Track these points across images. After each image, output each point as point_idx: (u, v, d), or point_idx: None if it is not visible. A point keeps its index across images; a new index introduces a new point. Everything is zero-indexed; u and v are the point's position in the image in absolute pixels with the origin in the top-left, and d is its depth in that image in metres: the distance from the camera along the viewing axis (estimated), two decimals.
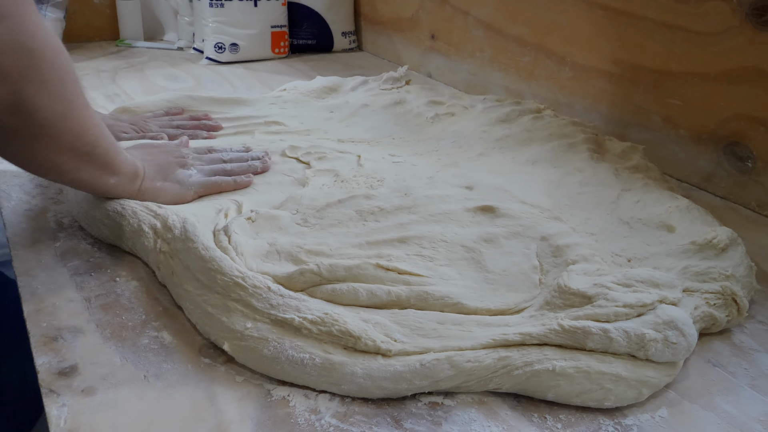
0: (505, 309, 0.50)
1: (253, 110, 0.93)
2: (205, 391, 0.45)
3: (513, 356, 0.45)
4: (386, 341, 0.45)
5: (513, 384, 0.45)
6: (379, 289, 0.50)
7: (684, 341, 0.46)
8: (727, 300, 0.51)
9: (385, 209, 0.62)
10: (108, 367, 0.47)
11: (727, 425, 0.43)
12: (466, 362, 0.44)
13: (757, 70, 0.71)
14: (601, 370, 0.44)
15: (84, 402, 0.44)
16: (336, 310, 0.47)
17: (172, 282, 0.54)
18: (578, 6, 0.93)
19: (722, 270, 0.53)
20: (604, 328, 0.45)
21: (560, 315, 0.47)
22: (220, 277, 0.50)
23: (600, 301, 0.47)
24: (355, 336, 0.45)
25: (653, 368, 0.45)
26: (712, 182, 0.79)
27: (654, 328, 0.45)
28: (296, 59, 1.44)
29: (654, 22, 0.82)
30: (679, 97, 0.81)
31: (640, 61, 0.85)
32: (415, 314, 0.48)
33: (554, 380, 0.44)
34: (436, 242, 0.57)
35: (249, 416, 0.43)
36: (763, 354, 0.50)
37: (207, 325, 0.50)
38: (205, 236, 0.55)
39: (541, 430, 0.42)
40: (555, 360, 0.44)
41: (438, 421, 0.43)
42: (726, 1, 0.73)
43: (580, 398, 0.44)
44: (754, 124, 0.73)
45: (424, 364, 0.44)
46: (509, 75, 1.09)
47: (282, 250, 0.56)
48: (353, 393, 0.44)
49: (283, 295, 0.48)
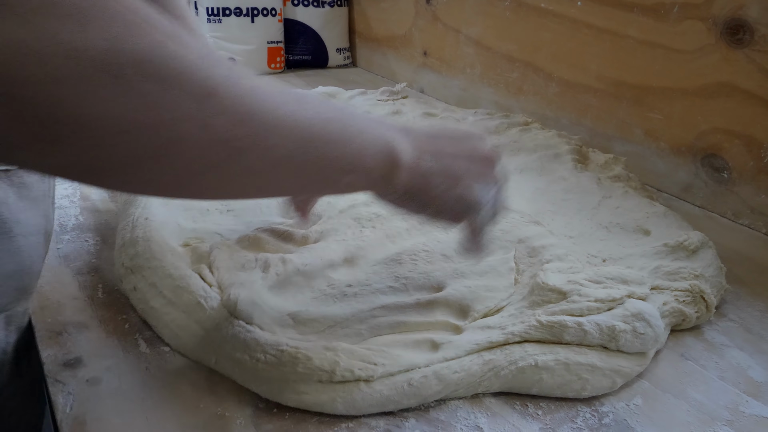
0: (485, 312, 0.51)
1: None
2: (204, 381, 0.47)
3: (497, 358, 0.46)
4: (364, 367, 0.44)
5: (501, 384, 0.46)
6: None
7: (651, 332, 0.49)
8: (695, 297, 0.54)
9: (381, 215, 0.63)
10: (111, 359, 0.49)
11: (697, 412, 0.46)
12: (453, 374, 0.45)
13: (732, 85, 0.75)
14: (578, 360, 0.47)
15: (89, 390, 0.46)
16: (293, 343, 0.45)
17: (135, 297, 0.54)
18: (564, 25, 0.97)
19: (692, 270, 0.56)
20: (578, 322, 0.48)
21: (537, 312, 0.49)
22: (186, 295, 0.50)
23: (574, 297, 0.50)
24: (327, 371, 0.43)
25: (625, 358, 0.48)
26: (691, 192, 0.82)
27: (623, 320, 0.48)
28: (292, 74, 1.47)
29: (635, 40, 0.86)
30: (660, 112, 0.84)
31: (622, 78, 0.89)
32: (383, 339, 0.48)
33: (537, 374, 0.46)
34: (418, 253, 0.57)
35: (247, 403, 0.45)
36: (732, 349, 0.53)
37: (179, 348, 0.49)
38: (173, 256, 0.54)
39: (523, 417, 0.45)
40: (536, 355, 0.47)
41: (426, 408, 0.45)
42: (702, 20, 0.76)
43: (560, 390, 0.46)
44: (729, 137, 0.76)
45: (412, 384, 0.44)
46: (499, 90, 1.13)
47: (260, 258, 0.55)
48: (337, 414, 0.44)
49: (233, 324, 0.47)
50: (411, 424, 0.44)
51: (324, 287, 0.53)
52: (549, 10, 0.99)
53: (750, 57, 0.72)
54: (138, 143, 0.29)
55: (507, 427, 0.44)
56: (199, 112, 0.30)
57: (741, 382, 0.49)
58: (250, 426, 0.43)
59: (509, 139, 0.87)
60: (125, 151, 0.30)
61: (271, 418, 0.44)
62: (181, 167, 0.32)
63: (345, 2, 1.52)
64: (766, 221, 0.74)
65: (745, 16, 0.72)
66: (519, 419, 0.45)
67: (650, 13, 0.83)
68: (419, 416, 0.44)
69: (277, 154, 0.35)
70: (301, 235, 0.61)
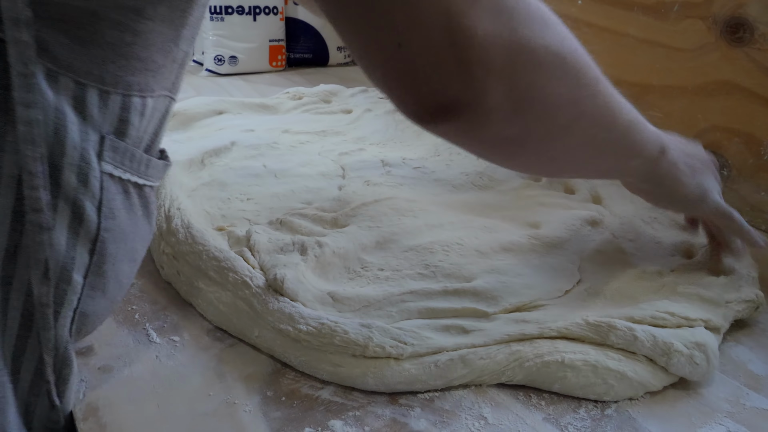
0: (518, 305, 0.52)
1: (278, 117, 1.00)
2: (214, 370, 0.48)
3: (524, 349, 0.46)
4: (396, 345, 0.46)
5: (524, 375, 0.46)
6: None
7: (706, 366, 0.47)
8: (753, 308, 0.55)
9: (424, 208, 0.65)
10: (122, 348, 0.50)
11: (698, 404, 0.47)
12: (479, 359, 0.46)
13: (731, 84, 0.76)
14: (608, 366, 0.46)
15: (101, 378, 0.47)
16: (333, 318, 0.48)
17: (179, 281, 0.57)
18: (565, 24, 0.97)
19: (748, 271, 0.57)
20: (630, 327, 0.47)
21: (588, 314, 0.49)
22: (231, 275, 0.53)
23: (642, 305, 0.50)
24: (360, 345, 0.46)
25: (660, 377, 0.47)
26: None
27: (684, 343, 0.47)
28: (293, 72, 1.48)
29: (636, 38, 0.86)
30: (660, 110, 0.85)
31: (622, 76, 0.89)
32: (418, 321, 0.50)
33: (562, 371, 0.46)
34: (451, 245, 0.59)
35: (256, 391, 0.46)
36: (732, 344, 0.54)
37: (222, 324, 0.53)
38: (214, 239, 0.58)
39: (527, 407, 0.46)
40: (565, 352, 0.46)
41: (431, 398, 0.46)
42: (702, 19, 0.77)
43: (582, 390, 0.46)
44: (729, 135, 0.77)
45: (439, 365, 0.46)
46: None
47: (297, 241, 0.58)
48: (367, 390, 0.46)
49: (278, 300, 0.50)
50: (416, 413, 0.44)
51: (358, 269, 0.56)
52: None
53: (750, 55, 0.73)
54: (565, 116, 0.40)
55: (510, 417, 0.45)
56: (588, 98, 0.41)
57: (741, 375, 0.50)
58: (259, 413, 0.44)
59: None
60: (556, 122, 0.40)
61: (279, 406, 0.44)
62: (574, 143, 0.43)
63: None
64: (765, 218, 0.75)
65: (744, 14, 0.73)
66: (522, 409, 0.45)
67: (650, 11, 0.83)
68: (424, 405, 0.45)
69: (591, 137, 0.44)
70: (331, 218, 0.63)
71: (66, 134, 0.35)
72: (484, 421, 0.44)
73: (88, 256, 0.38)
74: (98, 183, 0.37)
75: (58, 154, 0.35)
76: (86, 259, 0.38)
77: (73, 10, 0.34)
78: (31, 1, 0.32)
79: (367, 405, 0.45)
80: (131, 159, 0.39)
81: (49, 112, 0.34)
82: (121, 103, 0.37)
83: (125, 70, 0.36)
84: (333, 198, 0.69)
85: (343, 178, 0.76)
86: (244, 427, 0.42)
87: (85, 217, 0.37)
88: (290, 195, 0.70)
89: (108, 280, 0.40)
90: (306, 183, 0.73)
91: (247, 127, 0.93)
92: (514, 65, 0.35)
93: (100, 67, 0.35)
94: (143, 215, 0.42)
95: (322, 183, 0.74)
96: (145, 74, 0.38)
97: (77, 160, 0.35)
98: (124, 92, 0.37)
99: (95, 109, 0.36)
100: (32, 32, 0.32)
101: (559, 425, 0.44)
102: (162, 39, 0.38)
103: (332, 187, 0.73)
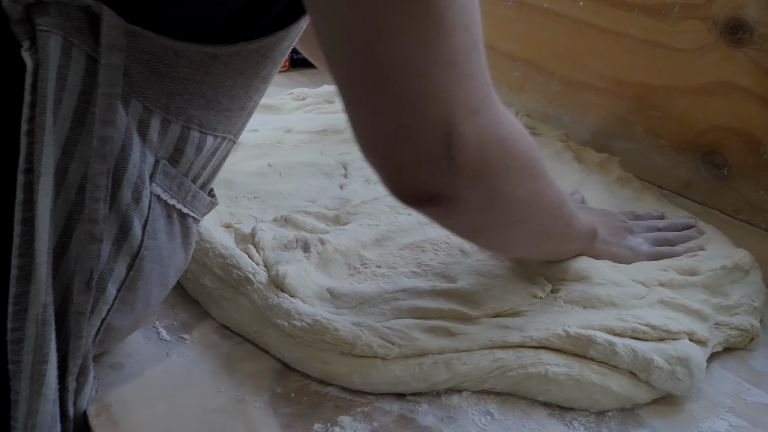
0: (498, 311, 0.52)
1: (281, 117, 1.01)
2: (223, 367, 0.49)
3: (508, 357, 0.46)
4: (383, 345, 0.47)
5: (507, 385, 0.47)
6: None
7: (689, 381, 0.46)
8: (747, 338, 0.53)
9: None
10: (133, 346, 0.51)
11: (701, 399, 0.48)
12: (462, 365, 0.46)
13: (731, 84, 0.76)
14: (592, 381, 0.45)
15: (113, 375, 0.47)
16: (326, 315, 0.49)
17: (186, 278, 0.58)
18: (566, 25, 0.98)
19: (750, 300, 0.54)
20: (610, 341, 0.46)
21: (569, 323, 0.48)
22: (235, 271, 0.54)
23: (624, 315, 0.49)
24: (349, 343, 0.47)
25: (646, 390, 0.46)
26: (691, 189, 0.84)
27: (665, 359, 0.45)
28: (296, 73, 1.48)
29: (636, 39, 0.87)
30: (660, 110, 0.86)
31: (623, 76, 0.90)
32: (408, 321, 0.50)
33: (545, 385, 0.46)
34: (440, 243, 0.60)
35: (265, 388, 0.47)
36: None
37: (224, 320, 0.54)
38: (221, 236, 0.59)
39: (532, 404, 0.47)
40: (548, 365, 0.46)
41: (438, 394, 0.47)
42: (702, 20, 0.78)
43: (567, 403, 0.46)
44: (729, 135, 0.78)
45: (423, 368, 0.46)
46: (501, 88, 1.14)
47: (300, 238, 0.59)
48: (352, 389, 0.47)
49: (278, 295, 0.51)
50: (424, 409, 0.45)
51: (357, 265, 0.58)
52: (551, 9, 1.00)
53: (749, 56, 0.74)
54: (527, 210, 0.46)
55: (516, 413, 0.46)
56: (548, 195, 0.47)
57: (742, 371, 0.51)
58: (269, 409, 0.45)
59: None
60: (519, 215, 0.46)
61: (288, 403, 0.45)
62: (530, 231, 0.49)
63: None
64: (765, 217, 0.76)
65: (744, 16, 0.73)
66: (528, 406, 0.46)
67: (651, 13, 0.84)
68: (431, 401, 0.46)
69: (543, 227, 0.50)
70: (333, 215, 0.65)
71: (130, 153, 0.37)
72: (491, 417, 0.45)
73: (125, 271, 0.40)
74: (147, 202, 0.39)
75: (120, 171, 0.37)
76: (123, 273, 0.40)
77: (158, 46, 0.37)
78: (127, 32, 0.35)
79: (375, 401, 0.46)
80: (179, 186, 0.42)
81: (121, 131, 0.37)
82: (180, 133, 0.40)
83: (189, 103, 0.39)
84: (335, 196, 0.70)
85: (345, 177, 0.77)
86: (254, 423, 0.43)
87: (132, 233, 0.39)
88: (295, 193, 0.72)
89: (138, 298, 0.42)
90: (310, 181, 0.74)
91: (250, 127, 0.93)
92: (495, 171, 0.40)
93: (167, 97, 0.38)
94: (181, 243, 0.45)
95: (325, 182, 0.75)
96: (208, 112, 0.41)
97: (135, 177, 0.38)
98: (184, 123, 0.40)
99: (155, 133, 0.39)
100: (123, 59, 0.35)
101: (564, 420, 0.45)
102: (230, 84, 0.41)
103: (334, 186, 0.74)
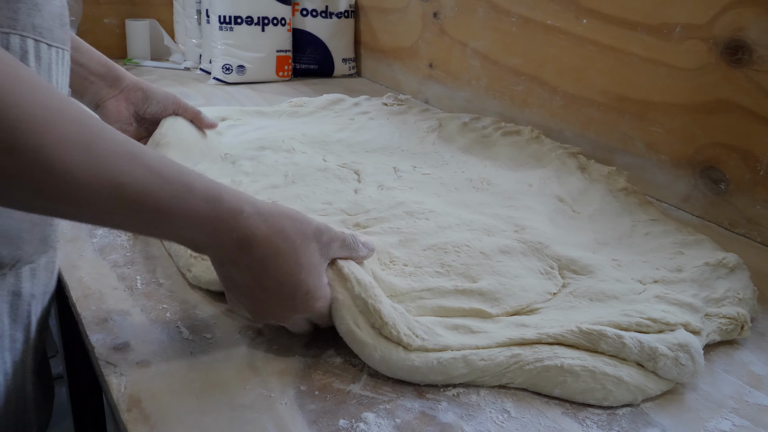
0: (517, 308, 0.56)
1: (277, 124, 1.03)
2: (248, 365, 0.50)
3: (525, 353, 0.49)
4: (409, 335, 0.49)
5: (524, 379, 0.49)
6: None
7: (692, 366, 0.49)
8: (737, 326, 0.56)
9: (435, 211, 0.70)
10: (158, 344, 0.52)
11: (705, 401, 0.50)
12: (479, 360, 0.48)
13: (730, 102, 0.79)
14: (605, 371, 0.48)
15: (141, 372, 0.49)
16: (376, 291, 0.51)
17: (205, 279, 0.59)
18: (570, 41, 1.01)
19: (736, 292, 0.58)
20: (619, 334, 0.49)
21: (581, 320, 0.52)
22: None
23: (628, 310, 0.52)
24: (383, 320, 0.49)
25: (654, 381, 0.49)
26: (690, 203, 0.87)
27: (668, 347, 0.49)
28: (298, 82, 1.51)
29: (639, 57, 0.90)
30: (661, 126, 0.89)
31: (625, 93, 0.93)
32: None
33: (562, 376, 0.48)
34: (461, 246, 0.63)
35: (290, 385, 0.48)
36: (735, 347, 0.57)
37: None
38: None
39: (547, 402, 0.48)
40: (564, 357, 0.49)
41: (457, 393, 0.49)
42: (703, 40, 0.81)
43: (582, 396, 0.48)
44: (727, 151, 0.81)
45: (441, 362, 0.48)
46: (504, 102, 1.17)
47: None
48: (369, 364, 0.50)
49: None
50: (443, 407, 0.47)
51: (387, 261, 0.61)
52: (555, 26, 1.03)
53: (748, 76, 0.77)
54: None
55: (532, 411, 0.47)
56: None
57: (744, 375, 0.53)
58: (295, 406, 0.46)
59: (511, 149, 0.93)
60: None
61: (313, 400, 0.47)
62: None
63: (351, 14, 1.56)
64: (761, 230, 0.79)
65: (744, 37, 0.76)
66: (543, 404, 0.48)
67: (654, 32, 0.87)
68: (451, 400, 0.48)
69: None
70: (354, 223, 0.68)
71: None
72: (507, 415, 0.47)
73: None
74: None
75: None
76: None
77: None
78: None
79: (397, 399, 0.47)
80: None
81: None
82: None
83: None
84: (350, 200, 0.73)
85: (359, 182, 0.79)
86: (282, 419, 0.45)
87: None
88: (311, 196, 0.75)
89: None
90: (326, 185, 0.78)
91: (260, 132, 0.97)
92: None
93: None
94: None
95: (339, 186, 0.78)
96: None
97: None
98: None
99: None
100: None
101: (578, 419, 0.47)
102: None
103: (349, 190, 0.77)
